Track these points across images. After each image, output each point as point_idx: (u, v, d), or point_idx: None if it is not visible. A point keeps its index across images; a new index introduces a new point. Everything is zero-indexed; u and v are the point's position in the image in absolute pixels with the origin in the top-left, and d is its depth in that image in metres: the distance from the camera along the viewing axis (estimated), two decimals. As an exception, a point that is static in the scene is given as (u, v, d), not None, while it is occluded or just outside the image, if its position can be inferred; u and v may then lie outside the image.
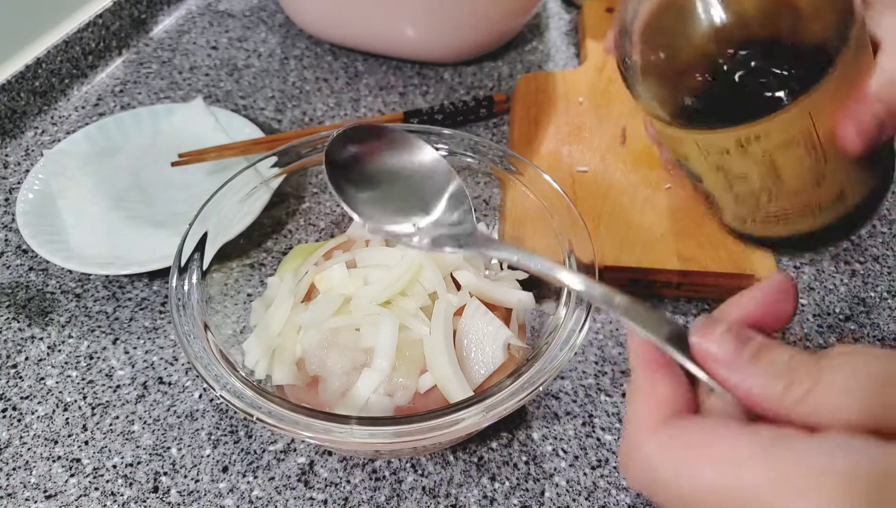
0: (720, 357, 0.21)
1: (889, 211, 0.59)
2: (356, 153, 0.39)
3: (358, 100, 0.72)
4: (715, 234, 0.53)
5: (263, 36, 0.80)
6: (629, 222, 0.54)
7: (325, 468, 0.43)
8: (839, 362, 0.19)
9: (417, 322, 0.41)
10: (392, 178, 0.39)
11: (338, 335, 0.41)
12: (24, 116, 0.68)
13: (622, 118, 0.63)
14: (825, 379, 0.19)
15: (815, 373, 0.19)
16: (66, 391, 0.47)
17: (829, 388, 0.19)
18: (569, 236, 0.42)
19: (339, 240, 0.50)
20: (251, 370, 0.42)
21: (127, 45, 0.78)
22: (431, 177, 0.40)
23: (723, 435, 0.20)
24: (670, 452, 0.20)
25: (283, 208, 0.52)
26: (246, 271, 0.47)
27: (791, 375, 0.20)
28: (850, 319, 0.52)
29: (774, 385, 0.20)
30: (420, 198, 0.39)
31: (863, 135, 0.29)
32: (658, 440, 0.21)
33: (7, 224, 0.59)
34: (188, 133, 0.65)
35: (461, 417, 0.33)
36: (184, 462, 0.44)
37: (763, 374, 0.20)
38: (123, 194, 0.59)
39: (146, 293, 0.53)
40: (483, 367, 0.41)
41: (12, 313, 0.52)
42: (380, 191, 0.39)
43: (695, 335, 0.22)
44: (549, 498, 0.42)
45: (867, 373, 0.19)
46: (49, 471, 0.43)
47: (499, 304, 0.44)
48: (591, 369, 0.48)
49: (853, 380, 0.19)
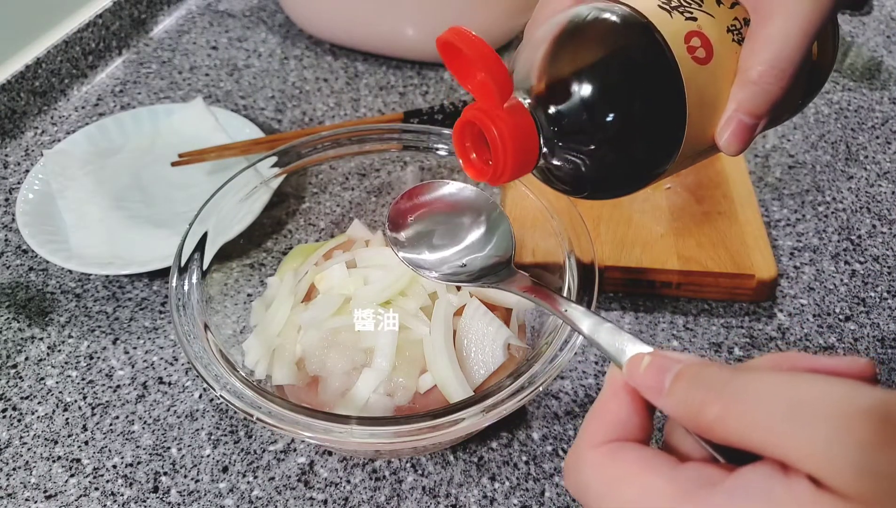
0: (646, 387, 0.23)
1: (889, 211, 0.59)
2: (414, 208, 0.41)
3: (358, 100, 0.72)
4: (715, 234, 0.53)
5: (263, 36, 0.80)
6: (629, 222, 0.54)
7: (325, 468, 0.43)
8: (747, 386, 0.20)
9: (417, 322, 0.41)
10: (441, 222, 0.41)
11: (338, 335, 0.41)
12: (24, 116, 0.68)
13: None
14: (732, 406, 0.20)
15: (725, 395, 0.20)
16: (66, 391, 0.47)
17: (736, 415, 0.19)
18: (569, 236, 0.42)
19: (339, 240, 0.50)
20: (251, 370, 0.42)
21: (127, 45, 0.78)
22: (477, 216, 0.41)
23: (650, 468, 0.21)
24: (603, 469, 0.22)
25: (283, 208, 0.52)
26: (246, 271, 0.47)
27: (704, 396, 0.20)
28: (850, 319, 0.52)
29: (690, 408, 0.21)
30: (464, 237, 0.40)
31: (741, 140, 0.30)
32: (596, 455, 0.22)
33: (7, 224, 0.59)
34: (188, 133, 0.65)
35: (461, 417, 0.33)
36: (184, 462, 0.44)
37: (679, 397, 0.21)
38: (123, 194, 0.59)
39: (146, 293, 0.53)
40: (483, 367, 0.41)
41: (12, 313, 0.52)
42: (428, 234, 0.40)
43: (625, 372, 0.24)
44: (549, 498, 0.42)
45: (770, 400, 0.19)
46: (49, 471, 0.43)
47: (499, 304, 0.44)
48: (591, 369, 0.48)
49: (758, 408, 0.19)
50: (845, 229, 0.58)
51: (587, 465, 0.22)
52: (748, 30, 0.30)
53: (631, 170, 0.31)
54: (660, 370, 0.22)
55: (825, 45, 0.33)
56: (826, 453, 0.17)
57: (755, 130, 0.30)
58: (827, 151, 0.65)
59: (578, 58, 0.29)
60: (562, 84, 0.29)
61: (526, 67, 0.30)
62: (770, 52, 0.29)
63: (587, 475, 0.22)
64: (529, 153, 0.29)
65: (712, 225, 0.54)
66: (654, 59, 0.29)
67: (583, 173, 0.30)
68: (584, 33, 0.30)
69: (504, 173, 0.29)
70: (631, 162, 0.30)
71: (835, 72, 0.74)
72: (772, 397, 0.19)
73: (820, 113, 0.69)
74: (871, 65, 0.75)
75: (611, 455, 0.22)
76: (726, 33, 0.30)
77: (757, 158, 0.64)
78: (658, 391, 0.22)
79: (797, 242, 0.57)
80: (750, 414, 0.19)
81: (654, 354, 0.23)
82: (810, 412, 0.18)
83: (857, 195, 0.61)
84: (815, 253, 0.56)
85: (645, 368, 0.23)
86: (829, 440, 0.17)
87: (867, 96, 0.71)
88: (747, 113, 0.30)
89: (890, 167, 0.64)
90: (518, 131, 0.28)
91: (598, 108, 0.28)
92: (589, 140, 0.29)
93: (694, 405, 0.20)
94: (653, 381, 0.22)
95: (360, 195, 0.53)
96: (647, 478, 0.21)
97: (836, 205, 0.60)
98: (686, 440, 0.23)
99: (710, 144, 0.31)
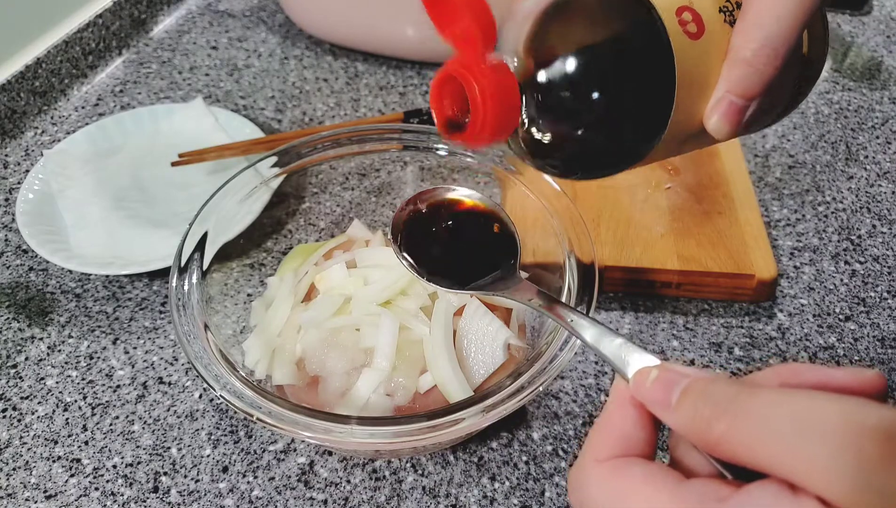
0: (653, 401, 0.22)
1: (889, 211, 0.59)
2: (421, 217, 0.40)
3: (358, 100, 0.72)
4: (715, 234, 0.53)
5: (263, 36, 0.80)
6: (629, 222, 0.54)
7: (325, 468, 0.43)
8: (754, 403, 0.19)
9: (417, 322, 0.41)
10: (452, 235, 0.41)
11: (338, 335, 0.41)
12: (24, 116, 0.68)
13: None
14: (739, 423, 0.19)
15: (731, 412, 0.20)
16: (66, 391, 0.47)
17: (742, 432, 0.19)
18: (569, 236, 0.42)
19: (339, 240, 0.50)
20: (251, 370, 0.42)
21: (127, 45, 0.78)
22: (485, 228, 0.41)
23: (656, 484, 0.21)
24: (609, 484, 0.22)
25: (283, 208, 0.52)
26: (246, 271, 0.47)
27: (711, 412, 0.20)
28: (850, 319, 0.52)
29: (697, 424, 0.20)
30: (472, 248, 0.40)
31: (730, 122, 0.30)
32: (601, 470, 0.22)
33: (7, 224, 0.59)
34: (188, 133, 0.65)
35: (461, 417, 0.33)
36: (184, 462, 0.44)
37: (686, 413, 0.21)
38: (123, 194, 0.59)
39: (146, 293, 0.53)
40: (483, 367, 0.41)
41: (12, 313, 0.52)
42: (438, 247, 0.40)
43: (631, 385, 0.23)
44: (549, 498, 0.42)
45: (777, 418, 0.19)
46: (49, 471, 0.43)
47: (499, 304, 0.44)
48: (591, 369, 0.48)
49: (764, 426, 0.19)
50: (845, 229, 0.58)
51: (592, 480, 0.22)
52: (740, 12, 0.29)
53: (617, 145, 0.30)
54: (667, 385, 0.22)
55: (815, 40, 0.33)
56: (831, 471, 0.17)
57: (745, 113, 0.30)
58: (827, 151, 0.65)
59: (568, 23, 0.29)
60: (549, 49, 0.28)
61: (513, 33, 0.29)
62: (763, 31, 0.28)
63: (592, 490, 0.22)
64: (510, 113, 0.28)
65: (712, 225, 0.54)
66: (645, 28, 0.28)
67: (567, 146, 0.29)
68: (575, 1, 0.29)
69: (483, 133, 0.28)
70: (618, 136, 0.30)
71: (835, 72, 0.74)
72: (779, 415, 0.19)
73: (820, 113, 0.69)
74: (871, 65, 0.75)
75: (616, 470, 0.22)
76: (718, 13, 0.30)
77: (757, 158, 0.64)
78: (665, 405, 0.22)
79: (797, 242, 0.57)
80: (756, 432, 0.19)
81: (661, 367, 0.23)
82: (816, 431, 0.18)
83: (857, 195, 0.61)
84: (815, 253, 0.56)
85: (652, 382, 0.23)
86: (834, 458, 0.17)
87: (867, 96, 0.71)
88: (738, 94, 0.29)
89: (890, 167, 0.64)
90: (500, 89, 0.27)
91: (586, 75, 0.28)
92: (575, 108, 0.28)
93: (701, 421, 0.20)
94: (660, 395, 0.22)
95: (360, 195, 0.54)
96: (652, 494, 0.21)
97: (836, 205, 0.60)
98: (691, 455, 0.23)
99: (699, 127, 0.30)
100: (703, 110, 0.30)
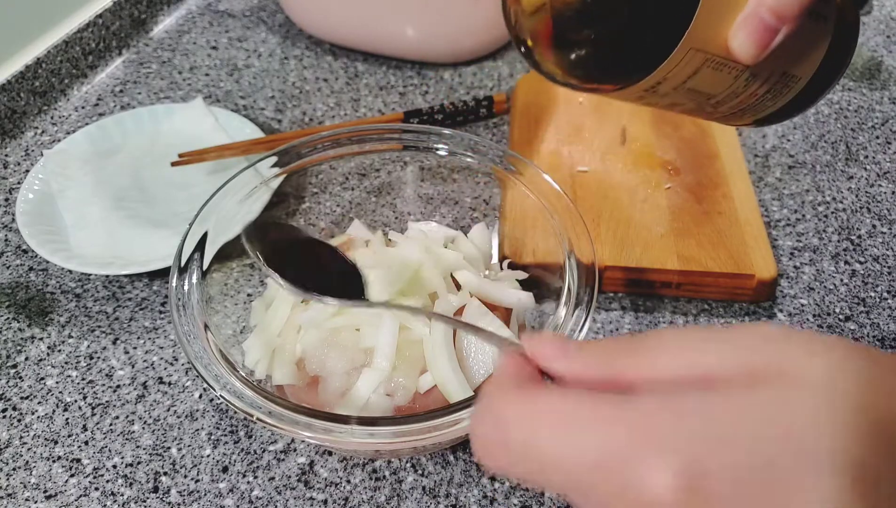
0: (547, 353, 0.23)
1: (889, 211, 0.59)
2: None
3: (358, 100, 0.72)
4: (715, 234, 0.53)
5: (263, 36, 0.80)
6: (629, 222, 0.54)
7: (325, 468, 0.43)
8: (658, 334, 0.22)
9: (417, 322, 0.41)
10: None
11: (338, 335, 0.41)
12: (24, 116, 0.68)
13: (622, 118, 0.63)
14: (646, 346, 0.21)
15: (636, 342, 0.22)
16: (66, 391, 0.47)
17: (648, 355, 0.21)
18: (569, 236, 0.42)
19: (339, 240, 0.50)
20: (251, 370, 0.42)
21: (127, 45, 0.78)
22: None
23: (575, 397, 0.20)
24: (522, 407, 0.21)
25: (283, 208, 0.52)
26: (246, 271, 0.47)
27: (615, 347, 0.22)
28: (850, 319, 0.52)
29: (601, 359, 0.22)
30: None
31: (757, 43, 0.28)
32: (511, 397, 0.21)
33: (7, 224, 0.59)
34: (188, 133, 0.65)
35: (461, 417, 0.33)
36: (184, 462, 0.44)
37: (587, 357, 0.22)
38: (123, 194, 0.59)
39: (146, 293, 0.53)
40: (483, 367, 0.41)
41: (12, 313, 0.52)
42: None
43: (526, 341, 0.24)
44: (550, 498, 0.42)
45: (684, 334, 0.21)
46: (49, 471, 0.43)
47: (499, 304, 0.44)
48: (591, 369, 0.48)
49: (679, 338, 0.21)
50: (845, 229, 0.58)
51: (506, 411, 0.21)
52: None
53: (636, 43, 0.29)
54: (562, 339, 0.23)
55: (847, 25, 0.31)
56: (724, 352, 0.20)
57: (773, 37, 0.27)
58: (827, 151, 0.65)
59: None
60: None
61: None
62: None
63: (506, 420, 0.21)
64: None
65: (712, 225, 0.54)
66: None
67: (587, 42, 0.29)
68: None
69: None
70: (638, 30, 0.28)
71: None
72: (684, 332, 0.21)
73: (820, 113, 0.69)
74: (871, 65, 0.75)
75: (526, 393, 0.21)
76: None
77: (757, 158, 0.64)
78: (561, 354, 0.23)
79: (797, 242, 0.57)
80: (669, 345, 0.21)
81: (546, 333, 0.25)
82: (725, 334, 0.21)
83: (857, 195, 0.61)
84: (815, 253, 0.56)
85: (546, 338, 0.24)
86: (731, 348, 0.20)
87: (867, 96, 0.71)
88: (771, 10, 0.27)
89: (890, 167, 0.64)
90: None
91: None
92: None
93: (606, 358, 0.22)
94: (556, 347, 0.23)
95: (360, 195, 0.54)
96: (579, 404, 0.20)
97: (836, 205, 0.60)
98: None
99: (723, 51, 0.29)
100: (728, 30, 0.28)
